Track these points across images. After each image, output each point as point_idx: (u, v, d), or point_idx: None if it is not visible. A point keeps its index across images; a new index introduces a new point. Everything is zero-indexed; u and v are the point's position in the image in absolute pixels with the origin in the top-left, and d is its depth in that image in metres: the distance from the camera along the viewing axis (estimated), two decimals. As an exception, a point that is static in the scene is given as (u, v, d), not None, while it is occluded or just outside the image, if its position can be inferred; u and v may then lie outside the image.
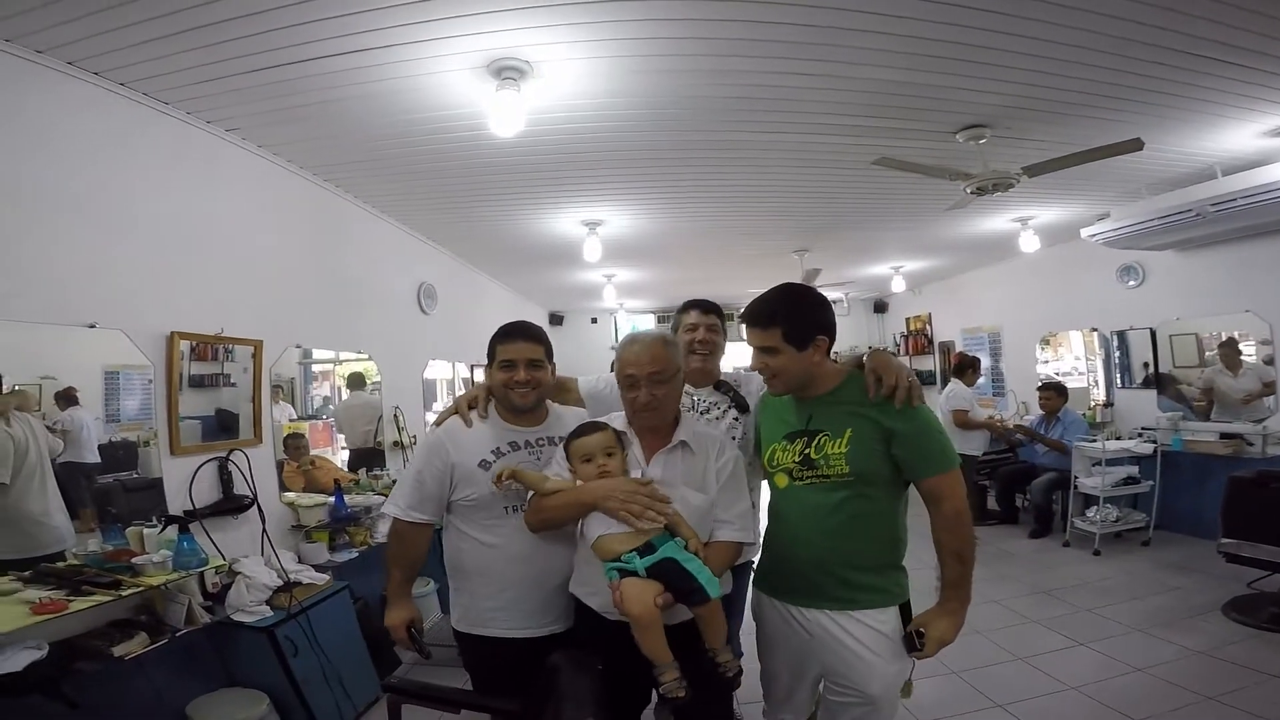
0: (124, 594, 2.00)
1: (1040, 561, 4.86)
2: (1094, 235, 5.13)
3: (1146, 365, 5.85)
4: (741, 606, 2.01)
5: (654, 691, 1.65)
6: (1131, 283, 5.91)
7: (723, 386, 2.07)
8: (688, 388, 2.02)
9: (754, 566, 1.87)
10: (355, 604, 3.11)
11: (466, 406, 1.86)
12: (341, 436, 4.20)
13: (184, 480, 2.71)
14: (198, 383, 2.91)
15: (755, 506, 1.94)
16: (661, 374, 1.63)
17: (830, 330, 1.66)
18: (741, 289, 8.04)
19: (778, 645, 1.76)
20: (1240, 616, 3.51)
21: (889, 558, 1.65)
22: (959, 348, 8.64)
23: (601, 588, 1.55)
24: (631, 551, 1.47)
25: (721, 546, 1.61)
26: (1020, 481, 5.93)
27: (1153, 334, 5.75)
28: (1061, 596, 4.10)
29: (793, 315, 1.62)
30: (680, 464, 1.65)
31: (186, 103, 2.76)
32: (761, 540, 1.84)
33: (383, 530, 3.62)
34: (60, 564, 2.12)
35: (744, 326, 1.71)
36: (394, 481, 4.02)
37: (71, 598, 1.91)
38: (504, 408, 1.84)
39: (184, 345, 2.79)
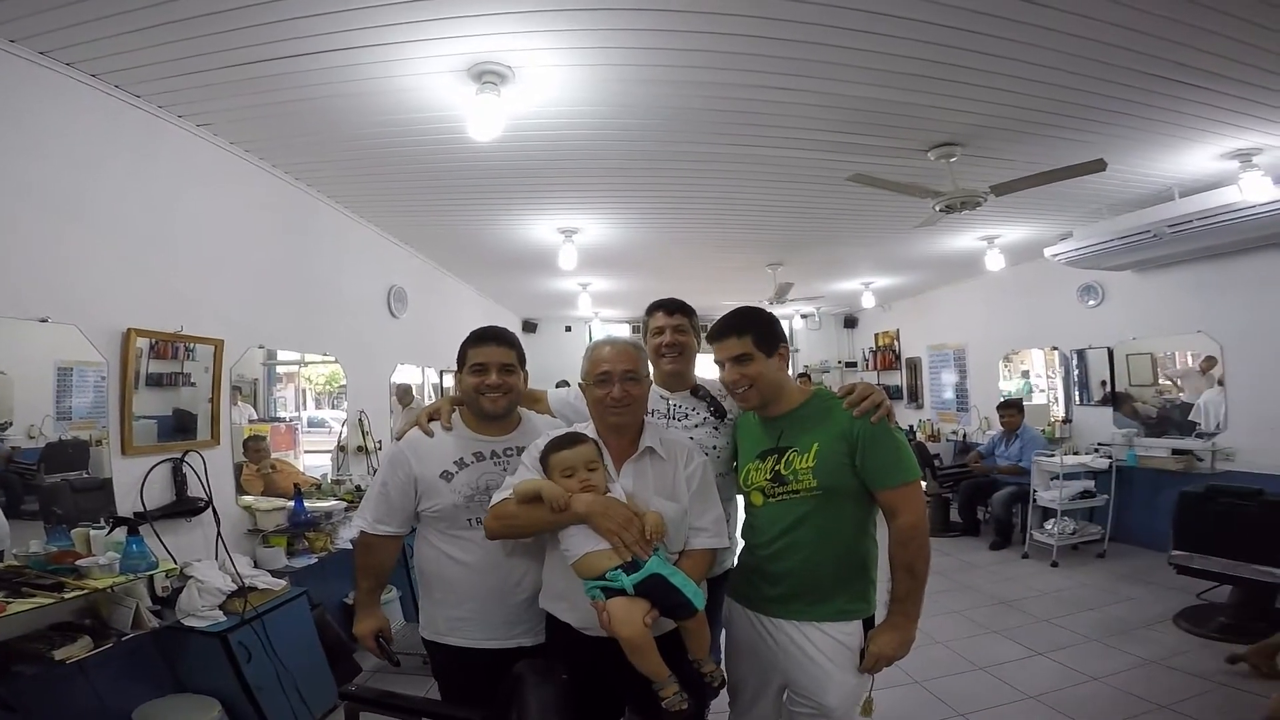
0: (67, 596, 1.92)
1: (1000, 573, 4.95)
2: (1056, 255, 5.28)
3: (1104, 383, 6.02)
4: (720, 616, 1.99)
5: (626, 705, 1.65)
6: (1091, 302, 6.08)
7: (699, 392, 2.03)
8: (663, 392, 2.01)
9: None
10: (313, 610, 3.03)
11: (427, 419, 1.83)
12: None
13: (135, 481, 2.62)
14: (155, 381, 2.83)
15: (731, 519, 1.92)
16: (634, 373, 1.64)
17: (786, 341, 1.78)
18: (715, 301, 8.07)
19: (745, 653, 1.77)
20: (1190, 626, 3.63)
21: (856, 571, 1.67)
22: (925, 364, 8.81)
23: (578, 602, 1.53)
24: (617, 569, 1.44)
25: (699, 555, 1.60)
26: (982, 495, 6.05)
27: (1110, 353, 5.92)
28: (1021, 607, 4.18)
29: (759, 324, 1.74)
30: (650, 473, 1.63)
31: (158, 96, 2.70)
32: (738, 550, 1.86)
33: (343, 536, 3.55)
34: (-1, 565, 2.03)
35: (712, 345, 1.77)
36: (356, 488, 3.97)
37: (10, 599, 1.83)
38: (472, 415, 1.82)
39: (142, 343, 2.71)
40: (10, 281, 2.21)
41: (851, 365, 10.57)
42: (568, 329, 10.53)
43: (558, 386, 2.47)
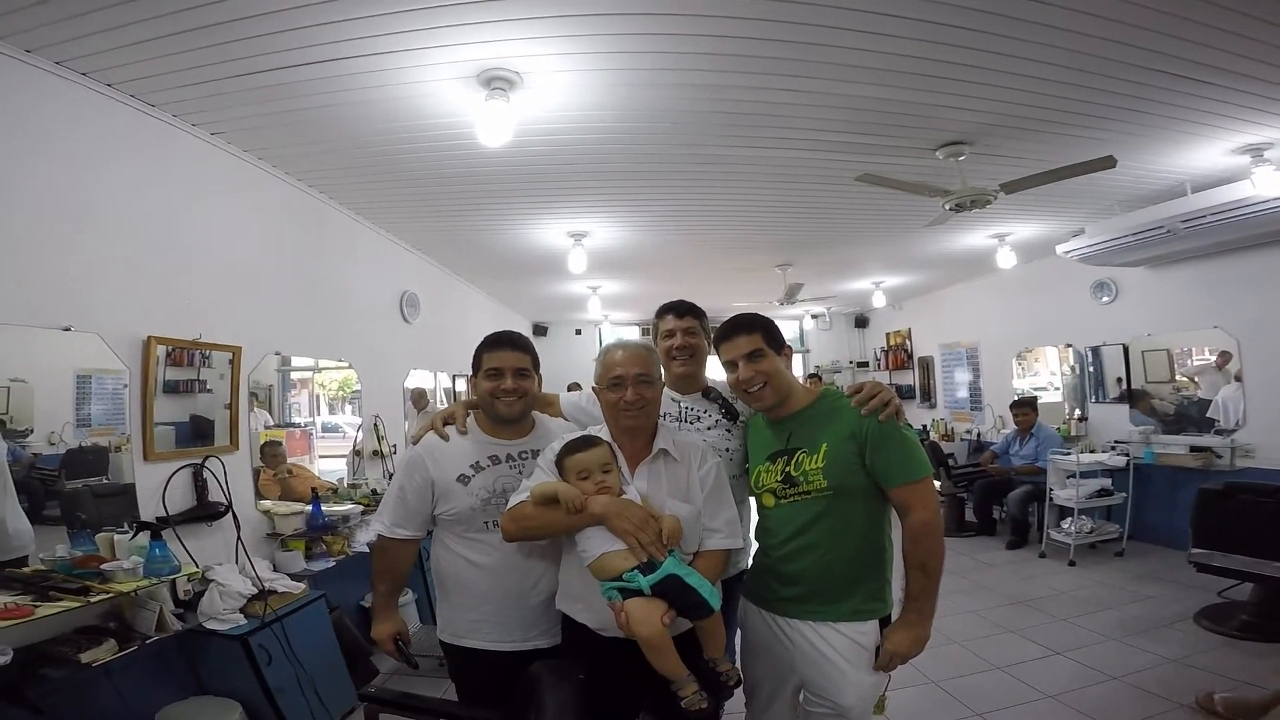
0: (92, 600, 1.95)
1: (1017, 572, 4.92)
2: (1069, 252, 5.24)
3: (1120, 380, 5.96)
4: (735, 616, 2.00)
5: (641, 706, 1.65)
6: (1105, 299, 6.03)
7: (711, 394, 2.04)
8: (674, 394, 2.02)
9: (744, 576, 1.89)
10: (331, 613, 3.07)
11: (442, 423, 1.85)
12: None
13: (157, 486, 2.65)
14: (173, 388, 2.86)
15: (745, 520, 1.92)
16: (647, 376, 1.65)
17: (788, 345, 1.82)
18: (726, 303, 8.08)
19: (761, 654, 1.77)
20: (1211, 625, 3.58)
21: (871, 570, 1.66)
22: (938, 363, 8.76)
23: (594, 602, 1.54)
24: (634, 570, 1.45)
25: (713, 555, 1.61)
26: (997, 494, 6.00)
27: (1125, 350, 5.87)
28: (1038, 606, 4.15)
29: (766, 323, 1.77)
30: (664, 474, 1.65)
31: (172, 105, 2.74)
32: (752, 551, 1.86)
33: (361, 540, 3.58)
34: (25, 569, 2.06)
35: (720, 346, 1.78)
36: (372, 491, 4.01)
37: (38, 603, 1.86)
38: (488, 419, 1.84)
39: (160, 350, 2.75)
40: (32, 291, 2.26)
41: (863, 365, 10.52)
42: (578, 332, 10.56)
43: (569, 390, 2.49)
